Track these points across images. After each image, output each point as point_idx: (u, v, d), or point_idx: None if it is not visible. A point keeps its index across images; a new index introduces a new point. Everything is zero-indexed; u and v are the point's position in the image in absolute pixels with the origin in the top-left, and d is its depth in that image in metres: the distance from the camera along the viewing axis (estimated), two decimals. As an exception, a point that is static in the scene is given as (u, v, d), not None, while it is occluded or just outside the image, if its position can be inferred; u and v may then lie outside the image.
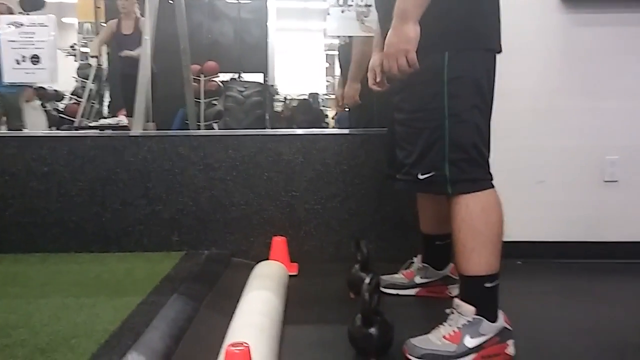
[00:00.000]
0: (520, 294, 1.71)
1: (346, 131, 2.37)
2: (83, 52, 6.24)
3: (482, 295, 1.22)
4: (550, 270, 2.04)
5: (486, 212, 1.25)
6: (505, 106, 2.14)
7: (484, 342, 1.19)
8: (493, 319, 1.21)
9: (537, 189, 2.18)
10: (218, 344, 1.22)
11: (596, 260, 2.09)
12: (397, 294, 1.65)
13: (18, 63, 2.24)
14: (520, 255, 2.11)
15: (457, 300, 1.24)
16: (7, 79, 2.26)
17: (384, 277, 1.64)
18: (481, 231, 1.23)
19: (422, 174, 1.27)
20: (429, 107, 1.24)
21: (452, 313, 1.24)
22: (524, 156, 2.17)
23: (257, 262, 1.85)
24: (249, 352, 1.00)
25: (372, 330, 1.20)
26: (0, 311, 1.38)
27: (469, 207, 1.24)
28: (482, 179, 1.28)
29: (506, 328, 1.23)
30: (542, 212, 2.17)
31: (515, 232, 2.16)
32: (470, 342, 1.18)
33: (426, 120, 1.25)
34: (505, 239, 2.14)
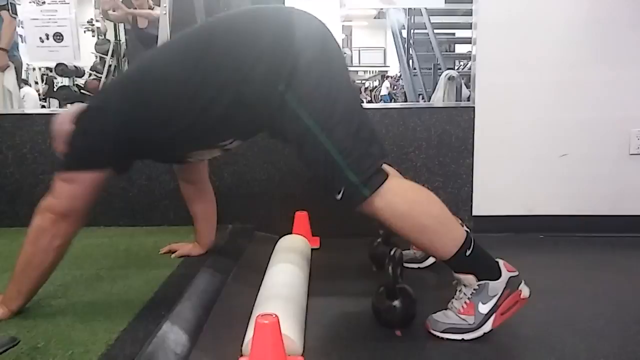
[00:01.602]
0: (543, 267, 1.72)
1: (366, 105, 2.36)
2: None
3: (471, 263, 1.21)
4: (574, 244, 2.04)
5: (407, 199, 1.19)
6: (526, 79, 2.12)
7: (497, 301, 1.20)
8: (496, 276, 1.20)
9: (560, 163, 2.16)
10: (246, 315, 1.27)
11: (621, 234, 2.08)
12: (419, 267, 1.68)
13: (42, 41, 2.27)
14: (542, 229, 2.12)
15: (456, 275, 1.23)
16: (32, 57, 2.30)
17: (405, 252, 1.67)
18: (423, 219, 1.18)
19: (337, 195, 1.19)
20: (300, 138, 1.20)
21: (458, 285, 1.25)
22: (546, 129, 2.15)
23: (280, 236, 1.89)
24: (278, 323, 1.04)
25: (396, 302, 1.23)
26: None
27: (390, 210, 1.18)
28: (384, 161, 1.21)
29: (512, 276, 1.22)
30: (565, 186, 2.16)
31: (538, 206, 2.17)
32: (484, 307, 1.19)
33: (302, 147, 1.21)
34: (528, 213, 2.16)
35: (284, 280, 1.43)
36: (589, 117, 2.13)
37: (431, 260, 1.70)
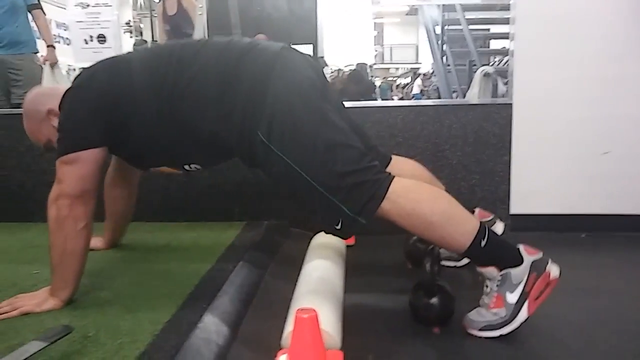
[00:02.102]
0: (584, 266, 1.68)
1: (401, 103, 2.36)
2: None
3: (488, 253, 1.20)
4: (616, 243, 1.98)
5: (412, 199, 1.21)
6: (567, 74, 2.07)
7: (525, 287, 1.18)
8: (517, 262, 1.19)
9: (602, 161, 2.10)
10: (284, 309, 1.29)
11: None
12: (455, 266, 1.67)
13: (86, 43, 2.36)
14: (583, 228, 2.07)
15: (479, 270, 1.24)
16: (77, 58, 2.40)
17: (442, 249, 1.66)
18: (429, 217, 1.20)
19: (336, 226, 1.24)
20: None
21: (483, 281, 1.24)
22: (587, 126, 2.10)
23: (315, 233, 1.91)
24: (317, 318, 1.05)
25: (434, 300, 1.23)
26: (87, 274, 1.51)
27: (397, 211, 1.20)
28: (379, 181, 1.22)
29: (535, 260, 1.20)
30: (607, 185, 2.10)
31: (578, 204, 2.12)
32: (512, 297, 1.18)
33: (295, 188, 1.27)
34: (568, 211, 2.11)
35: (321, 276, 1.45)
36: (633, 113, 2.06)
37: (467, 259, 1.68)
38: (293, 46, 1.37)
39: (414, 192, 1.23)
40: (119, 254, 1.76)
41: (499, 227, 1.68)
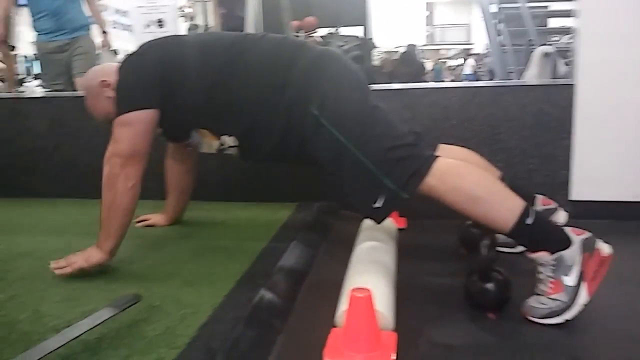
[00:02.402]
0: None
1: (456, 84, 2.30)
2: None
3: (536, 234, 1.19)
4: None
5: (456, 174, 1.26)
6: (637, 53, 1.94)
7: (580, 268, 1.15)
8: (567, 243, 1.16)
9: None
10: (337, 288, 1.31)
11: None
12: (511, 252, 1.63)
13: (146, 27, 2.45)
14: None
15: (528, 255, 1.22)
16: (138, 43, 2.49)
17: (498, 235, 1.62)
18: (474, 191, 1.23)
19: (375, 204, 1.30)
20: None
21: (536, 268, 1.22)
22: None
23: (363, 215, 1.91)
24: (372, 297, 1.07)
25: (490, 285, 1.22)
26: (151, 249, 1.61)
27: (442, 186, 1.24)
28: (421, 162, 1.28)
29: (584, 239, 1.17)
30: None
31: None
32: (570, 279, 1.15)
33: (340, 163, 1.33)
34: (633, 199, 2.01)
35: (374, 257, 1.46)
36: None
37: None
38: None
39: (457, 168, 1.27)
40: (180, 231, 1.85)
41: (561, 216, 1.62)
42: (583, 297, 1.15)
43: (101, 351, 0.98)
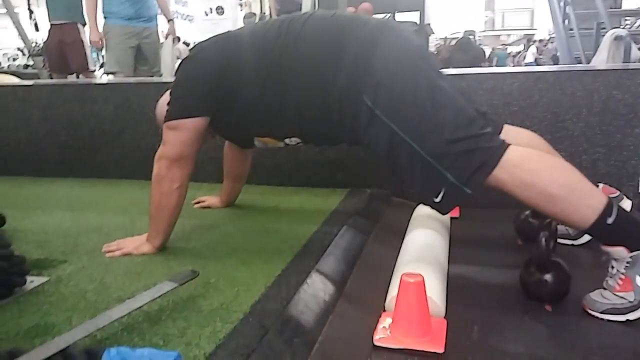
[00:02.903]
0: None
1: (517, 69, 2.21)
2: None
3: (616, 232, 1.10)
4: None
5: (529, 170, 1.14)
6: None
7: None
8: None
9: None
10: (387, 273, 1.31)
11: None
12: (572, 244, 1.56)
13: (206, 14, 2.51)
14: None
15: (604, 248, 1.14)
16: (199, 29, 2.57)
17: (559, 226, 1.55)
18: (549, 189, 1.12)
19: (436, 198, 1.21)
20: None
21: (609, 261, 1.14)
22: None
23: (418, 203, 1.89)
24: (423, 283, 1.06)
25: (547, 276, 1.17)
26: (207, 229, 1.67)
27: (513, 181, 1.14)
28: (491, 149, 1.16)
29: None
30: None
31: None
32: None
33: (396, 156, 1.24)
34: None
35: (426, 244, 1.45)
36: None
37: (587, 237, 1.56)
38: (399, 14, 1.38)
39: (532, 162, 1.16)
40: (235, 213, 1.90)
41: (625, 205, 1.53)
42: None
43: (161, 322, 1.03)
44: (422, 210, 1.81)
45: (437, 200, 1.22)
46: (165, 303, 1.11)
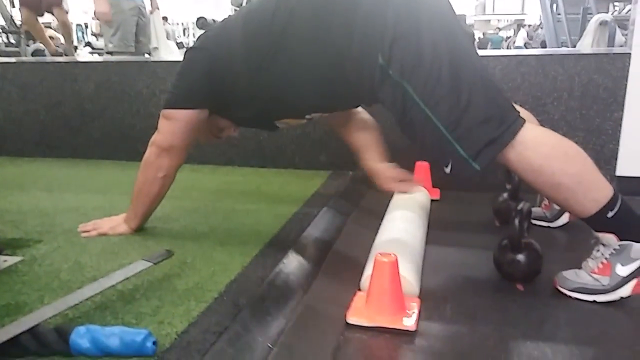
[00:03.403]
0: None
1: (501, 52, 2.21)
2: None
3: (613, 224, 1.09)
4: None
5: (541, 154, 1.10)
6: None
7: None
8: None
9: None
10: (364, 254, 1.32)
11: None
12: (549, 226, 1.59)
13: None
14: None
15: (594, 233, 1.13)
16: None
17: (534, 209, 1.57)
18: (558, 177, 1.09)
19: (445, 167, 1.16)
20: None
21: (596, 244, 1.15)
22: None
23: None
24: (397, 263, 1.07)
25: (520, 256, 1.18)
26: (187, 210, 1.66)
27: (523, 164, 1.11)
28: (505, 125, 1.10)
29: None
30: None
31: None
32: (623, 270, 1.08)
33: (408, 118, 1.16)
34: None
35: (403, 226, 1.45)
36: None
37: (563, 220, 1.58)
38: None
39: (545, 146, 1.12)
40: (215, 194, 1.90)
41: None
42: (625, 290, 1.09)
43: (134, 301, 1.03)
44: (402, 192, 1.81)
45: (447, 171, 1.17)
46: (140, 282, 1.10)
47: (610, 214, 1.09)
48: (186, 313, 0.97)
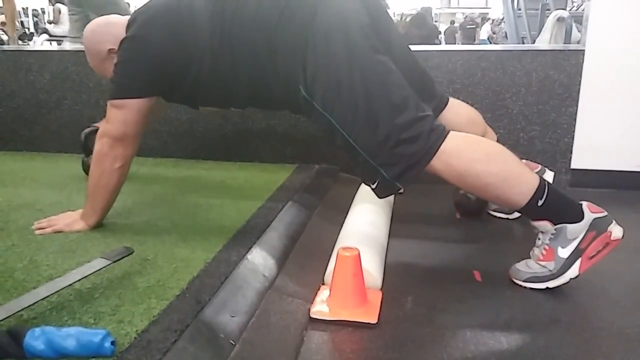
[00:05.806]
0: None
1: (462, 47, 2.25)
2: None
3: (545, 211, 1.16)
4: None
5: (464, 160, 1.16)
6: None
7: (580, 244, 1.14)
8: (576, 219, 1.14)
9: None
10: (329, 249, 1.33)
11: None
12: (507, 218, 1.64)
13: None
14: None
15: (532, 223, 1.20)
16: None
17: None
18: (483, 178, 1.15)
19: (372, 184, 1.25)
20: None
21: (537, 234, 1.21)
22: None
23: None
24: (359, 257, 1.09)
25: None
26: (148, 205, 1.63)
27: (449, 171, 1.17)
28: (424, 148, 1.16)
29: (597, 218, 1.14)
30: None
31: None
32: (564, 252, 1.15)
33: (335, 141, 1.24)
34: (635, 168, 1.98)
35: (367, 220, 1.48)
36: None
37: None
38: None
39: (467, 151, 1.17)
40: (178, 189, 1.86)
41: (548, 176, 1.62)
42: (573, 271, 1.15)
43: (93, 300, 1.01)
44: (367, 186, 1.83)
45: (374, 186, 1.26)
46: (99, 281, 1.08)
47: (540, 202, 1.15)
48: (147, 311, 0.96)
